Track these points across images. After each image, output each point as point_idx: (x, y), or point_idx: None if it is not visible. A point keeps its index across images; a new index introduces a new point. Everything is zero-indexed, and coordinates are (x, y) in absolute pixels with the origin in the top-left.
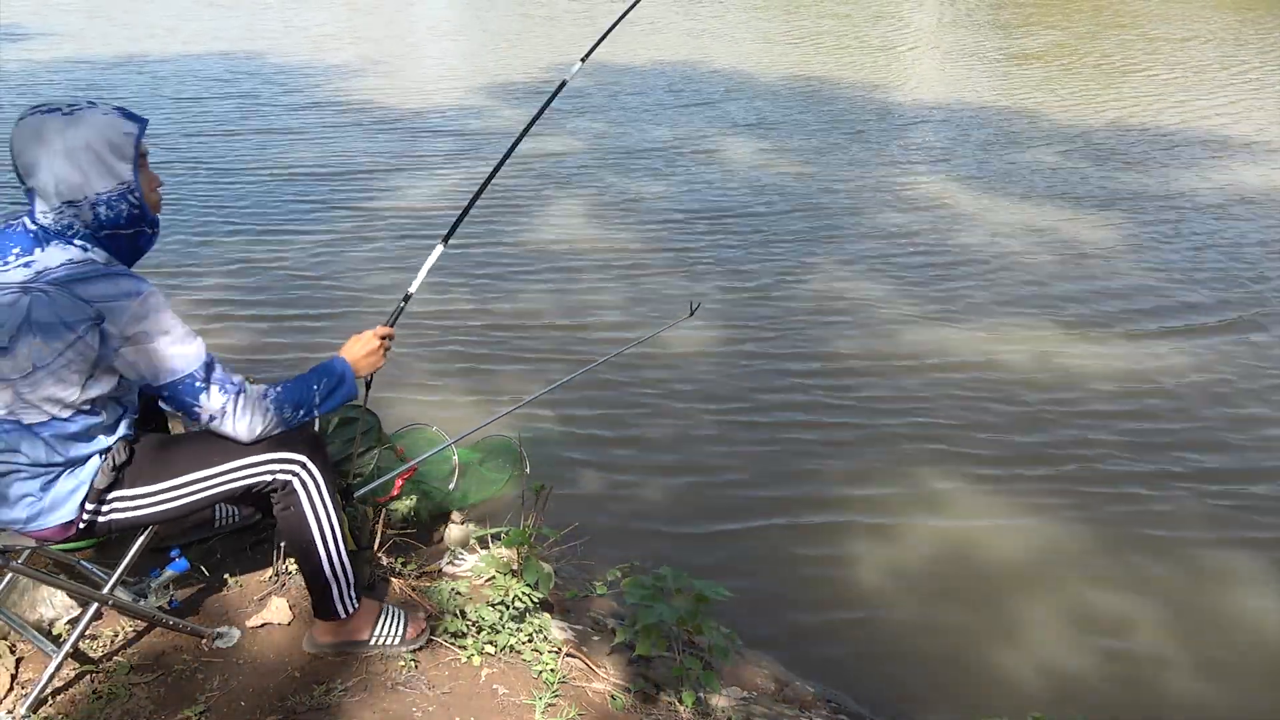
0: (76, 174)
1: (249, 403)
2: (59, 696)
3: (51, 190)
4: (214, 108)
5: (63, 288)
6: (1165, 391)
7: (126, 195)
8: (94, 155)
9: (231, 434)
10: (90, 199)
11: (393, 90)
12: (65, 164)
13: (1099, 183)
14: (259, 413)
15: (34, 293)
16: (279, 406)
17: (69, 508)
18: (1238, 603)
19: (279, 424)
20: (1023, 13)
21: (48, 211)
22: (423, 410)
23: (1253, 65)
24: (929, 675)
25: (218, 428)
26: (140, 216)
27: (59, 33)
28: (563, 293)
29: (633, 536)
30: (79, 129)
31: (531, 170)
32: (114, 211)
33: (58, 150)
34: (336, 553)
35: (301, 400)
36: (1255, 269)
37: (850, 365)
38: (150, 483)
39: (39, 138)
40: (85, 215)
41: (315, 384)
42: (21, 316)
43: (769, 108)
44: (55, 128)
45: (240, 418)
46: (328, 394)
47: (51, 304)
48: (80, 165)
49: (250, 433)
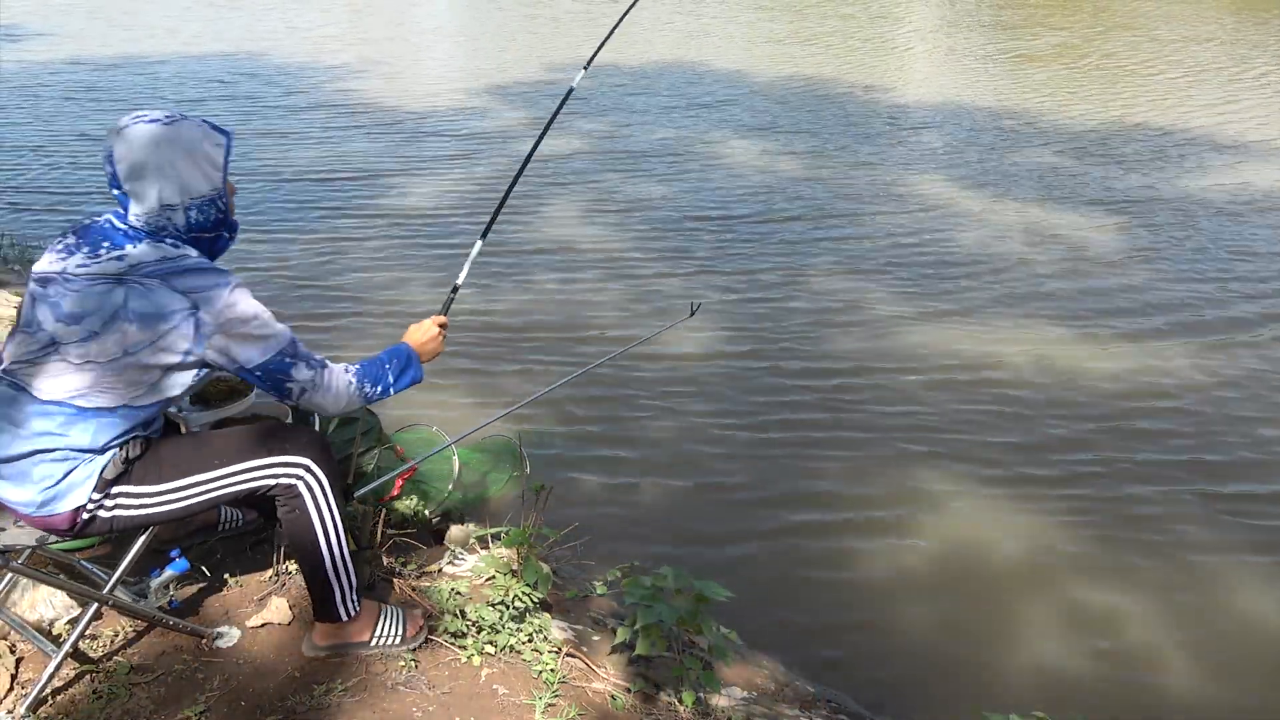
0: (176, 180)
1: (333, 376)
2: (59, 696)
3: (154, 194)
4: (214, 108)
5: (160, 280)
6: (1167, 393)
7: (216, 200)
8: (192, 163)
9: (320, 405)
10: (185, 203)
11: (393, 91)
12: (168, 170)
13: (1102, 184)
14: (343, 385)
15: (130, 284)
16: (360, 381)
17: (78, 495)
18: (1239, 604)
19: (360, 398)
20: (1025, 13)
21: (141, 214)
22: (423, 410)
23: (1255, 66)
24: (929, 675)
25: (308, 400)
26: (223, 221)
27: (58, 33)
28: (564, 293)
29: (633, 536)
30: (180, 138)
31: (534, 170)
32: (204, 215)
33: (162, 158)
34: (340, 556)
35: (378, 378)
36: (1259, 271)
37: (851, 366)
38: (156, 482)
39: (144, 145)
40: (178, 218)
41: (388, 364)
42: (117, 305)
43: (770, 108)
44: (159, 136)
45: (328, 390)
46: (399, 374)
47: (148, 294)
48: (181, 172)
49: (336, 404)
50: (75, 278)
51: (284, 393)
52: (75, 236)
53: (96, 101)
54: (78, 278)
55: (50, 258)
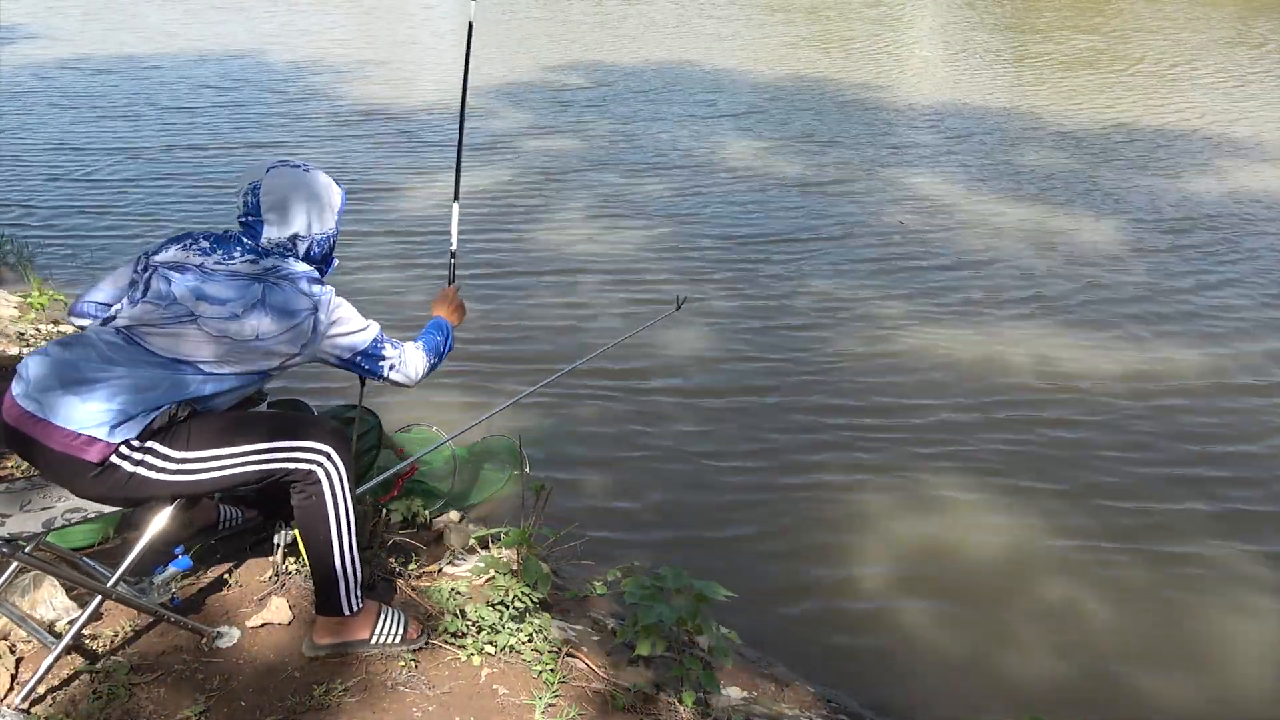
0: (307, 217)
1: (411, 352)
2: (59, 695)
3: (290, 226)
4: (213, 110)
5: (291, 283)
6: (1169, 394)
7: (330, 239)
8: (321, 207)
9: (402, 379)
10: (309, 238)
11: (397, 95)
12: (304, 209)
13: (1104, 184)
14: (419, 359)
15: (267, 282)
16: (427, 353)
17: (128, 428)
18: (1239, 607)
19: (429, 367)
20: (1026, 13)
21: (273, 239)
22: (423, 410)
23: (1260, 66)
24: (929, 675)
25: (394, 375)
26: (328, 257)
27: (57, 35)
28: (564, 293)
29: (633, 536)
30: (315, 185)
31: (533, 170)
32: (320, 250)
33: (301, 199)
34: (350, 548)
35: (437, 349)
36: (1262, 272)
37: (851, 365)
38: (184, 449)
39: (288, 185)
40: (300, 249)
41: (437, 335)
42: (257, 297)
43: (771, 108)
44: (301, 181)
45: (408, 365)
46: (444, 342)
47: (283, 292)
48: (312, 212)
49: (416, 375)
50: (216, 271)
51: (376, 374)
52: (207, 242)
53: (96, 108)
54: (219, 271)
55: (179, 253)
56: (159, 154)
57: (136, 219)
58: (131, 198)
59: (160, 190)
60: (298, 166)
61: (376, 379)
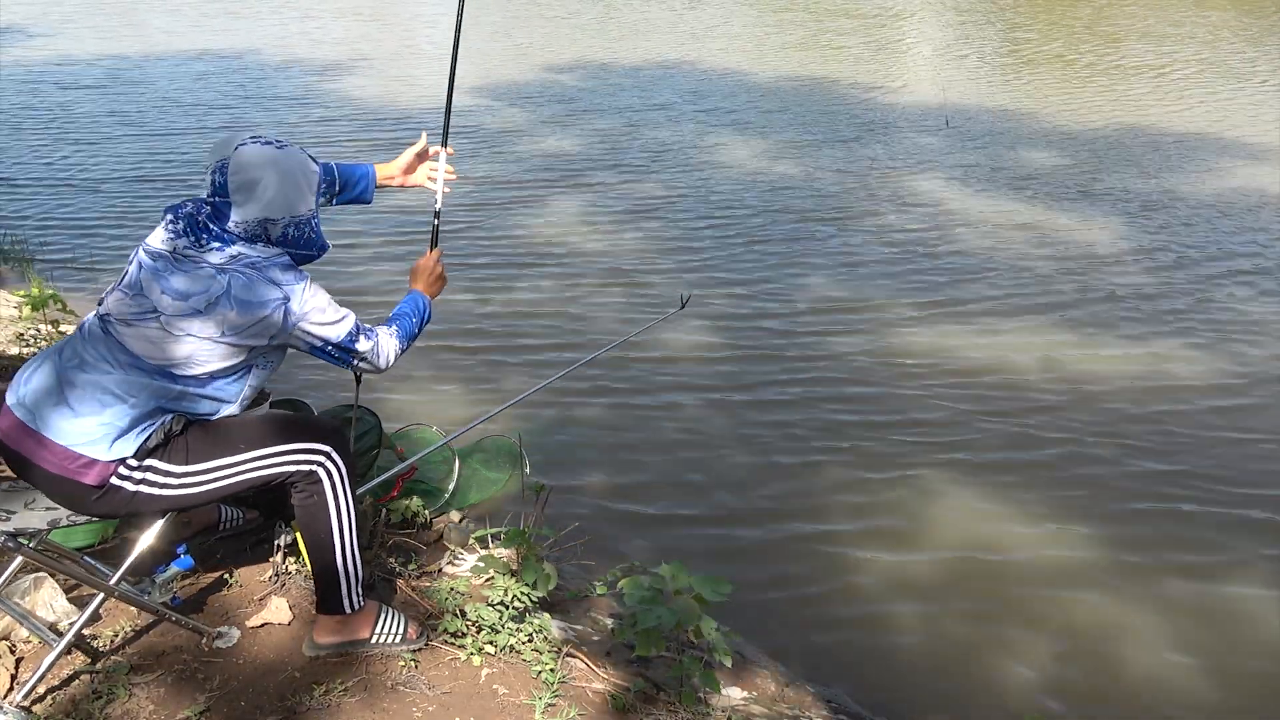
0: (281, 198)
1: (385, 341)
2: (59, 695)
3: (258, 208)
4: (209, 115)
5: (259, 271)
6: (1170, 395)
7: (309, 221)
8: (295, 185)
9: (371, 368)
10: (283, 220)
11: (397, 92)
12: (276, 189)
13: (1105, 184)
14: (392, 347)
15: (232, 273)
16: (400, 340)
17: (123, 446)
18: (1241, 609)
19: (401, 351)
20: (1027, 13)
21: (240, 222)
22: (423, 410)
23: (1262, 66)
24: (929, 675)
25: (368, 364)
26: (312, 241)
27: (58, 35)
28: (564, 293)
29: (633, 536)
30: (289, 162)
31: (533, 169)
32: (298, 233)
33: (271, 178)
34: (352, 547)
35: (410, 331)
36: (1263, 272)
37: (851, 366)
38: (184, 463)
39: (256, 164)
40: (274, 232)
41: (411, 315)
42: (222, 290)
43: (771, 108)
44: (272, 158)
45: (381, 353)
46: (420, 324)
47: (250, 284)
48: (285, 192)
49: (389, 362)
50: (184, 259)
51: (349, 364)
52: (180, 221)
53: (97, 108)
54: (186, 259)
55: (161, 234)
56: (160, 154)
57: (137, 219)
58: (132, 198)
59: (160, 190)
60: (270, 143)
61: (346, 367)
